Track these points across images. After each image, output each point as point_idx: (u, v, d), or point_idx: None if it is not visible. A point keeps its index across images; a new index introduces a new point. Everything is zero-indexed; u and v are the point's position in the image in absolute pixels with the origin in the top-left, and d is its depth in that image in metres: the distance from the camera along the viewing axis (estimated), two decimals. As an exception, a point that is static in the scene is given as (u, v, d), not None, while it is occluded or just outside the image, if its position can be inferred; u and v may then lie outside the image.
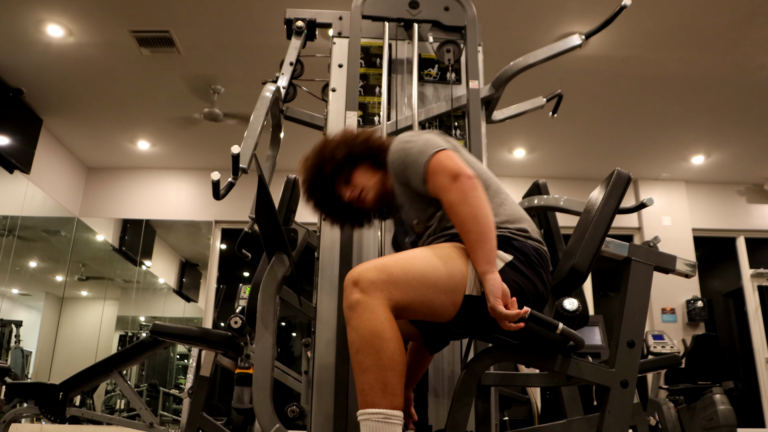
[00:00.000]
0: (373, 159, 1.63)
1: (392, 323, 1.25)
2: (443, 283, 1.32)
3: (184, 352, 6.61)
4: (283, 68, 2.24)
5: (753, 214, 6.64)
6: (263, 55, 4.51)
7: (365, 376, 1.22)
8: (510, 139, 5.87)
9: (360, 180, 1.61)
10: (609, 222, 1.46)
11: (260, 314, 1.31)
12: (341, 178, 1.62)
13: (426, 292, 1.30)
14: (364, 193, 1.61)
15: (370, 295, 1.25)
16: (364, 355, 1.23)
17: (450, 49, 2.19)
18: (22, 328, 5.62)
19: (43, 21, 4.19)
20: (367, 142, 1.63)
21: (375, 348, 1.22)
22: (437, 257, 1.35)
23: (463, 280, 1.34)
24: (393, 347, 1.23)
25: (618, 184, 1.50)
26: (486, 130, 2.18)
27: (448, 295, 1.32)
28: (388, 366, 1.21)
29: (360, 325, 1.24)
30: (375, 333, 1.22)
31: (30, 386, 2.96)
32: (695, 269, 1.65)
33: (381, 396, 1.20)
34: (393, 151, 1.53)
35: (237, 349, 2.20)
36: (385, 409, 1.19)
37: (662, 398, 4.42)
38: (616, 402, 1.39)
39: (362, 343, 1.23)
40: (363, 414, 1.21)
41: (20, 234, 5.73)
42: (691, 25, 4.16)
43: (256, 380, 1.25)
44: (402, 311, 1.30)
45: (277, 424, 1.21)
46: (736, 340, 6.64)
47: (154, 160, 6.38)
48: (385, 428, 1.18)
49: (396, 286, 1.28)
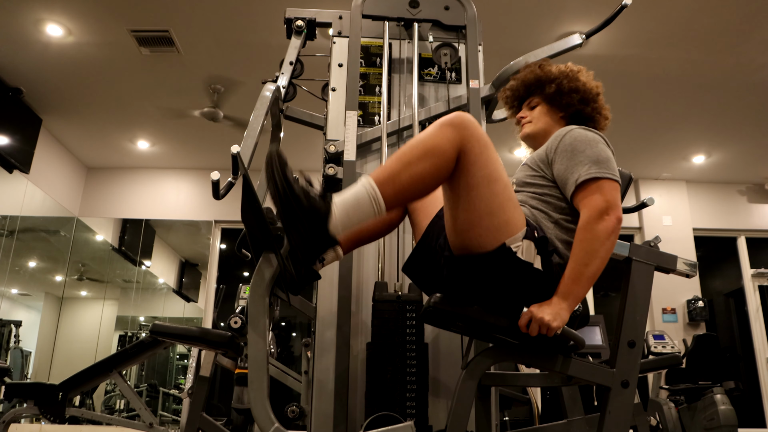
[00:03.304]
0: (567, 115, 1.69)
1: (445, 161, 1.29)
2: (498, 215, 1.33)
3: (183, 352, 6.60)
4: (283, 68, 2.23)
5: (754, 214, 6.63)
6: (263, 55, 4.50)
7: (395, 164, 1.30)
8: (510, 138, 5.86)
9: (535, 113, 1.72)
10: (610, 222, 1.45)
11: (251, 316, 1.31)
12: (533, 100, 1.73)
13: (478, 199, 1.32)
14: (526, 123, 1.73)
15: (455, 131, 1.30)
16: (410, 150, 1.31)
17: (447, 52, 2.19)
18: (22, 328, 5.61)
19: (42, 20, 4.18)
20: (585, 100, 1.68)
21: (417, 155, 1.29)
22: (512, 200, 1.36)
23: (514, 228, 1.33)
24: (422, 169, 1.28)
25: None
26: (486, 129, 2.17)
27: (491, 224, 1.33)
28: (407, 172, 1.29)
29: (431, 135, 1.31)
30: (430, 148, 1.29)
31: (29, 386, 2.96)
32: (696, 269, 1.64)
33: (388, 183, 1.28)
34: (574, 133, 1.52)
35: (237, 349, 2.19)
36: (379, 192, 1.27)
37: (663, 398, 4.42)
38: (617, 402, 1.38)
39: (418, 143, 1.31)
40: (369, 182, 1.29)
41: (19, 234, 5.72)
42: (691, 24, 4.15)
43: (251, 381, 1.25)
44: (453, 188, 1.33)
45: (276, 425, 1.21)
46: (737, 340, 6.63)
47: (154, 159, 6.38)
48: (365, 200, 1.27)
49: (470, 166, 1.31)
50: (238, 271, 6.66)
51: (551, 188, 1.52)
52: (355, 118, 2.07)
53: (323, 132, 2.22)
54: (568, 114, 1.69)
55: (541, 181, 1.53)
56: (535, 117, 1.72)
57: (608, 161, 1.45)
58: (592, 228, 1.36)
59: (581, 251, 1.35)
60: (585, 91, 1.68)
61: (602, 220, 1.36)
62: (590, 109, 1.69)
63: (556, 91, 1.68)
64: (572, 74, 1.70)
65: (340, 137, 2.08)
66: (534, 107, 1.74)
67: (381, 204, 1.27)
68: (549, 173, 1.52)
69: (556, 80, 1.68)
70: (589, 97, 1.68)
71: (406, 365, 1.72)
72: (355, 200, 1.27)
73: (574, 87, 1.67)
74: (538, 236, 1.38)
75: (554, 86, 1.68)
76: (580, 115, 1.69)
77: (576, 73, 1.71)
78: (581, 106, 1.68)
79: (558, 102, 1.69)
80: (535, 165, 1.57)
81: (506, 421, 4.08)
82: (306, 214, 1.23)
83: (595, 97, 1.69)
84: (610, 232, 1.35)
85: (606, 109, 1.72)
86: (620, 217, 1.38)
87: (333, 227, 1.26)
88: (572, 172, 1.44)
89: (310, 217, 1.23)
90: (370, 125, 2.17)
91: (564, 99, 1.67)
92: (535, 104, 1.74)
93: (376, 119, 2.18)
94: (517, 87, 1.77)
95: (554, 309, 1.32)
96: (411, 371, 1.73)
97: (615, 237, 1.37)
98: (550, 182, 1.52)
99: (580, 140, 1.49)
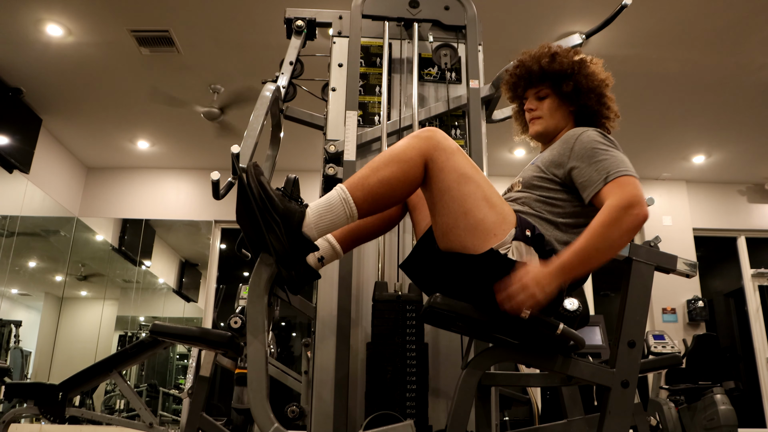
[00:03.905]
0: (577, 109, 1.65)
1: (411, 167, 1.36)
2: (485, 220, 1.35)
3: (183, 352, 6.60)
4: (283, 68, 2.23)
5: (754, 214, 6.63)
6: (263, 55, 4.50)
7: (364, 170, 1.38)
8: (510, 138, 5.83)
9: (545, 108, 1.67)
10: (610, 221, 1.44)
11: (249, 316, 1.31)
12: (543, 90, 1.67)
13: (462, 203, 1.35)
14: (537, 119, 1.68)
15: (421, 141, 1.38)
16: (379, 158, 1.39)
17: (447, 53, 2.19)
18: (22, 328, 5.61)
19: (42, 20, 4.18)
20: (600, 99, 1.64)
21: (384, 161, 1.37)
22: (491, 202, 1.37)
23: (495, 226, 1.35)
24: (389, 173, 1.35)
25: (619, 183, 1.48)
26: (486, 129, 2.17)
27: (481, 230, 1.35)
28: (375, 176, 1.36)
29: (398, 144, 1.40)
30: (396, 154, 1.38)
31: (29, 386, 2.96)
32: (696, 269, 1.64)
33: (358, 187, 1.35)
34: (590, 136, 1.50)
35: (237, 349, 2.19)
36: (349, 195, 1.34)
37: (663, 398, 4.41)
38: (617, 402, 1.38)
39: (386, 152, 1.40)
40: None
41: (19, 234, 5.72)
42: (691, 24, 4.15)
43: (250, 382, 1.24)
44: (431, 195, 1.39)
45: (275, 425, 1.20)
46: (737, 340, 6.63)
47: (154, 159, 6.37)
48: (336, 203, 1.34)
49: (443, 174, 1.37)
50: (238, 271, 6.66)
51: (558, 191, 1.51)
52: (355, 118, 2.06)
53: (323, 132, 2.22)
54: (578, 108, 1.66)
55: (549, 185, 1.52)
56: (545, 112, 1.66)
57: (629, 164, 1.44)
58: (618, 215, 1.32)
59: (599, 236, 1.31)
60: (600, 87, 1.63)
61: (629, 212, 1.33)
62: (602, 105, 1.65)
63: (574, 90, 1.62)
64: (590, 72, 1.63)
65: (340, 137, 2.08)
66: (543, 98, 1.67)
67: (352, 206, 1.34)
68: (560, 176, 1.51)
69: (572, 77, 1.62)
70: (604, 92, 1.65)
71: (406, 365, 1.72)
72: (327, 203, 1.34)
73: (593, 86, 1.62)
74: (531, 235, 1.38)
75: (571, 84, 1.62)
76: (594, 111, 1.65)
77: (594, 68, 1.65)
78: (597, 106, 1.64)
79: (573, 99, 1.64)
80: (546, 167, 1.54)
81: (506, 421, 4.07)
82: (281, 216, 1.29)
83: (607, 90, 1.66)
84: (634, 226, 1.33)
85: (613, 101, 1.67)
86: (647, 215, 1.35)
87: (307, 228, 1.31)
88: (598, 171, 1.42)
89: (285, 219, 1.29)
90: (370, 125, 2.17)
91: (581, 99, 1.63)
92: (544, 95, 1.67)
93: (376, 119, 2.18)
94: (527, 75, 1.68)
95: (546, 281, 1.29)
96: (411, 371, 1.73)
97: (635, 233, 1.34)
98: (559, 186, 1.51)
99: (599, 144, 1.47)
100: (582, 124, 1.65)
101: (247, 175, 1.30)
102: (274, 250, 1.29)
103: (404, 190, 1.39)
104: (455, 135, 2.20)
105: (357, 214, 1.36)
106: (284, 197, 1.33)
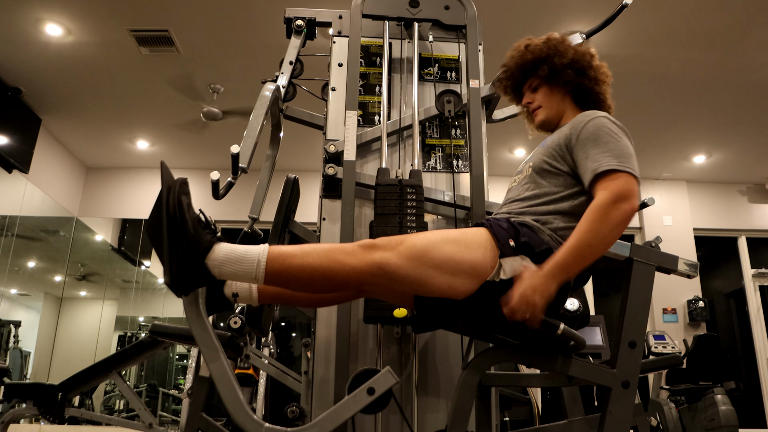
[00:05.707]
0: (577, 94, 1.65)
1: (344, 274, 1.28)
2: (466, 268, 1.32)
3: (183, 352, 6.59)
4: (283, 67, 2.22)
5: (754, 214, 6.63)
6: (263, 55, 4.50)
7: (299, 248, 1.30)
8: (510, 138, 5.86)
9: (540, 97, 1.68)
10: (611, 221, 1.44)
11: (195, 336, 1.24)
12: (533, 82, 1.69)
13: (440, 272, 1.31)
14: (537, 110, 1.70)
15: (370, 268, 1.28)
16: (321, 244, 1.34)
17: (450, 100, 2.17)
18: (21, 329, 5.61)
19: (41, 20, 4.18)
20: (597, 82, 1.64)
21: (323, 253, 1.29)
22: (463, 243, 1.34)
23: (485, 263, 1.32)
24: (318, 265, 1.27)
25: (620, 183, 1.48)
26: (486, 129, 2.17)
27: (466, 278, 1.32)
28: (301, 260, 1.27)
29: (348, 250, 1.30)
30: (334, 255, 1.29)
31: (29, 387, 2.95)
32: (697, 269, 1.64)
33: (279, 261, 1.27)
34: (601, 124, 1.49)
35: (236, 349, 2.19)
36: (265, 262, 1.26)
37: (663, 398, 4.41)
38: (617, 402, 1.38)
39: (331, 248, 1.31)
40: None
41: (19, 234, 5.72)
42: (691, 24, 4.15)
43: (224, 397, 1.20)
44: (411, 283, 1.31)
45: (265, 425, 1.19)
46: (738, 341, 6.63)
47: (154, 159, 6.37)
48: (250, 260, 1.25)
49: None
50: (238, 271, 6.64)
51: (567, 177, 1.50)
52: (355, 117, 2.06)
53: (323, 132, 2.21)
54: (571, 89, 1.66)
55: (558, 163, 1.51)
56: (542, 101, 1.69)
57: (630, 157, 1.43)
58: (605, 210, 1.33)
59: (589, 232, 1.32)
60: (577, 61, 1.63)
61: (617, 205, 1.33)
62: (588, 80, 1.64)
63: (551, 72, 1.64)
64: (561, 48, 1.64)
65: (340, 137, 2.08)
66: (536, 89, 1.70)
67: (261, 273, 1.25)
68: (569, 158, 1.50)
69: (546, 60, 1.64)
70: (584, 65, 1.64)
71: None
72: (243, 253, 1.26)
73: (567, 62, 1.62)
74: (516, 244, 1.36)
75: (546, 68, 1.64)
76: (583, 87, 1.65)
77: (563, 44, 1.65)
78: (579, 78, 1.63)
79: (556, 80, 1.65)
80: (556, 148, 1.53)
81: (506, 421, 4.07)
82: (189, 241, 1.21)
83: (590, 63, 1.65)
84: (622, 220, 1.33)
85: (604, 74, 1.67)
86: (636, 207, 1.35)
87: (210, 263, 1.23)
88: (593, 160, 1.42)
89: (192, 245, 1.21)
90: (370, 125, 2.17)
91: (561, 77, 1.64)
92: (536, 86, 1.70)
93: (376, 119, 2.17)
94: (513, 75, 1.73)
95: (544, 286, 1.29)
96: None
97: (624, 227, 1.34)
98: (568, 170, 1.50)
99: (605, 131, 1.46)
100: (582, 105, 1.66)
101: (169, 191, 1.24)
102: (171, 271, 1.22)
103: (326, 288, 1.33)
104: (455, 135, 2.20)
105: (262, 282, 1.27)
106: (199, 223, 1.25)
